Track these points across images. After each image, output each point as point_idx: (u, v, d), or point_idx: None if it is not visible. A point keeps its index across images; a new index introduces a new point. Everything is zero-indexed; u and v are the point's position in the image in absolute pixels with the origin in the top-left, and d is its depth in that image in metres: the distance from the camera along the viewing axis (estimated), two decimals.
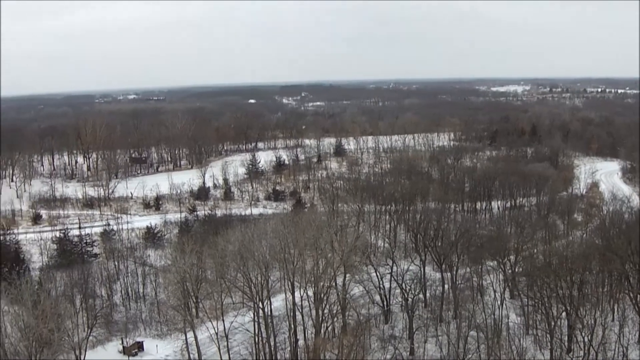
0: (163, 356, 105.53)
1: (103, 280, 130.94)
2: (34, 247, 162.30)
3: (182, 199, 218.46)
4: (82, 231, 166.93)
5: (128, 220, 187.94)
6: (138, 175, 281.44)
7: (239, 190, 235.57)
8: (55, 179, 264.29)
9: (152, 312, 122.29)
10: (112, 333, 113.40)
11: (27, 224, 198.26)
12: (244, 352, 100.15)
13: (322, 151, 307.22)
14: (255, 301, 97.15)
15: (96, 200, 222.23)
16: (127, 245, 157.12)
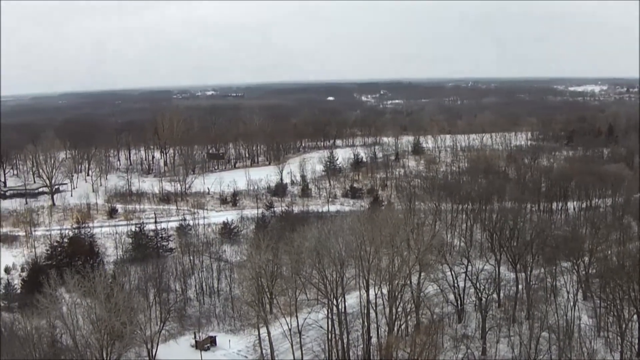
0: (235, 351, 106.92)
1: (178, 275, 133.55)
2: (108, 241, 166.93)
3: (259, 195, 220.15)
4: (158, 226, 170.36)
5: (204, 216, 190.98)
6: (215, 171, 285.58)
7: (316, 187, 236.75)
8: (132, 174, 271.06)
9: (226, 307, 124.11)
10: (185, 327, 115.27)
11: (103, 217, 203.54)
12: (317, 349, 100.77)
13: (400, 149, 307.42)
14: (329, 298, 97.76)
15: (173, 195, 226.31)
16: (203, 240, 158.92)
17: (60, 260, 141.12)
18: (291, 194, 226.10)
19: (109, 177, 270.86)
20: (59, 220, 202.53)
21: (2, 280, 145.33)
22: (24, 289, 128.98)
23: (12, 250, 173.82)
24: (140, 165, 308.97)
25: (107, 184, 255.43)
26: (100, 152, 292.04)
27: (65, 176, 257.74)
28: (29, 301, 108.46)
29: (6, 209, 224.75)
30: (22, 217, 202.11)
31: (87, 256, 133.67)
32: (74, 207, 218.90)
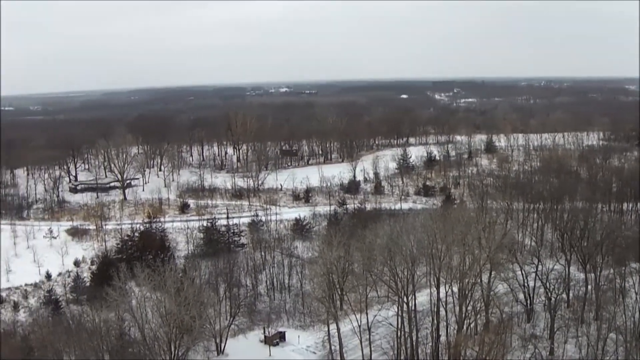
0: (304, 347, 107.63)
1: (249, 270, 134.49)
2: (180, 236, 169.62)
3: (332, 192, 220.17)
4: (230, 221, 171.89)
5: (277, 212, 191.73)
6: (288, 168, 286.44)
7: (389, 184, 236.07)
8: (204, 170, 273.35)
9: (296, 303, 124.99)
10: (254, 322, 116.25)
11: (174, 212, 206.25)
12: (386, 346, 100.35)
13: (473, 148, 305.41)
14: (400, 295, 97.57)
15: (245, 191, 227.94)
16: (275, 236, 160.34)
17: (130, 254, 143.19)
18: (364, 192, 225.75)
19: (181, 172, 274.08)
20: (130, 214, 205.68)
21: (72, 273, 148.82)
22: (93, 282, 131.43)
23: (82, 243, 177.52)
24: (213, 161, 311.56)
25: (179, 179, 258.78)
26: (173, 147, 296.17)
27: (137, 171, 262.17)
28: (97, 294, 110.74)
29: (77, 202, 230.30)
30: (93, 211, 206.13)
31: (157, 250, 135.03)
32: (145, 201, 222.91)
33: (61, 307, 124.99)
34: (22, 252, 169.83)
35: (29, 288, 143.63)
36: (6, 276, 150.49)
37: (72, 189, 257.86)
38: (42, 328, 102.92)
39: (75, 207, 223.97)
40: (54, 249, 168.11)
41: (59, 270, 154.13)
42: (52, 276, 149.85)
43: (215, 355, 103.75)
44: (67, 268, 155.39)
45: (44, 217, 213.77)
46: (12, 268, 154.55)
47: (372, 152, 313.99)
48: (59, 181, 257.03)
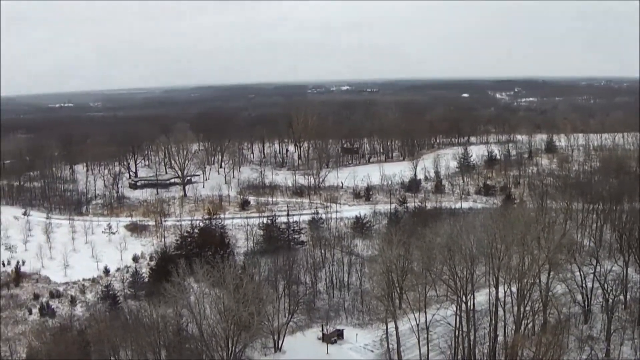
0: (362, 345, 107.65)
1: (308, 268, 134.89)
2: (240, 233, 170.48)
3: (393, 190, 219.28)
4: (290, 218, 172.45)
5: (337, 210, 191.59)
6: (349, 166, 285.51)
7: (449, 183, 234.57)
8: (265, 167, 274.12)
9: (355, 301, 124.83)
10: (313, 320, 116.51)
11: (235, 209, 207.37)
12: (443, 345, 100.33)
13: (533, 147, 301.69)
14: (458, 295, 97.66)
15: (306, 189, 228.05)
16: (335, 234, 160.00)
17: (189, 250, 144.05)
18: (424, 190, 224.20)
19: (242, 169, 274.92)
20: (189, 211, 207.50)
21: (130, 268, 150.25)
22: (152, 278, 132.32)
23: (141, 239, 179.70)
24: (274, 158, 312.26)
25: (240, 176, 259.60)
26: (234, 144, 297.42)
27: (197, 168, 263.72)
28: (156, 290, 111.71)
29: (137, 198, 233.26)
30: (153, 207, 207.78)
31: (217, 247, 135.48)
32: (205, 198, 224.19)
33: (119, 302, 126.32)
34: (80, 248, 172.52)
35: (86, 283, 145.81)
36: (64, 271, 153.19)
37: (132, 185, 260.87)
38: (99, 323, 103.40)
39: (135, 203, 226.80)
40: (112, 245, 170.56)
41: (117, 265, 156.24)
42: (110, 271, 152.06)
43: (273, 353, 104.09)
44: (125, 263, 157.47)
45: (103, 212, 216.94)
46: (70, 263, 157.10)
47: (433, 150, 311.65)
48: (118, 177, 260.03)
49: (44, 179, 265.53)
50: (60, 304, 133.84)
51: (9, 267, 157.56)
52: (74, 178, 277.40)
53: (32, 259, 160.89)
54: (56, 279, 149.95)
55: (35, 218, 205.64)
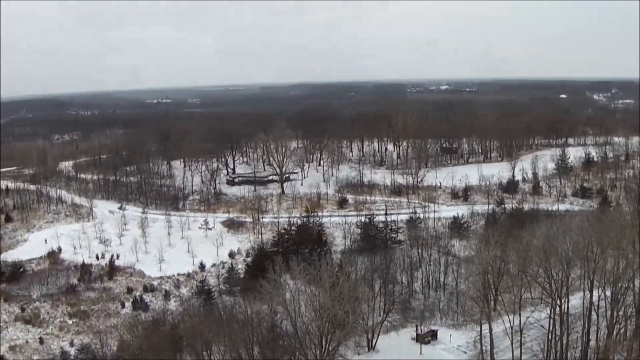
0: (455, 346, 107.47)
1: (405, 267, 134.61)
2: (337, 231, 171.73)
3: (491, 191, 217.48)
4: (388, 218, 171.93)
5: (435, 210, 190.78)
6: (447, 165, 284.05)
7: (546, 185, 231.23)
8: (364, 165, 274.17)
9: (450, 301, 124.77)
10: (407, 320, 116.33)
11: (332, 207, 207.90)
12: (536, 348, 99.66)
13: (630, 150, 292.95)
14: (553, 297, 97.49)
15: (404, 188, 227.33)
16: (432, 233, 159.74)
17: (286, 247, 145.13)
18: (522, 191, 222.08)
19: (340, 167, 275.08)
20: (287, 208, 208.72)
21: (226, 264, 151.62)
22: (247, 274, 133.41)
23: (238, 235, 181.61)
24: (372, 157, 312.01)
25: (338, 175, 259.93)
26: (333, 142, 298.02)
27: (296, 165, 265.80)
28: (251, 286, 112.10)
29: (234, 195, 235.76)
30: (250, 204, 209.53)
31: (314, 244, 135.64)
32: (303, 196, 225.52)
33: (213, 297, 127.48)
34: (176, 243, 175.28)
35: (181, 278, 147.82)
36: (159, 265, 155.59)
37: (230, 181, 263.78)
38: (193, 318, 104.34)
39: (232, 200, 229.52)
40: (208, 240, 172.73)
41: (212, 261, 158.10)
42: (205, 267, 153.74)
43: (366, 352, 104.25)
44: (221, 259, 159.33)
45: (200, 208, 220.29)
46: (166, 258, 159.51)
47: (531, 151, 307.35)
48: (216, 173, 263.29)
49: (141, 174, 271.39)
50: (154, 298, 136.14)
51: (103, 261, 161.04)
52: (171, 173, 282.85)
53: (127, 253, 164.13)
54: (151, 273, 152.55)
55: (131, 212, 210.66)
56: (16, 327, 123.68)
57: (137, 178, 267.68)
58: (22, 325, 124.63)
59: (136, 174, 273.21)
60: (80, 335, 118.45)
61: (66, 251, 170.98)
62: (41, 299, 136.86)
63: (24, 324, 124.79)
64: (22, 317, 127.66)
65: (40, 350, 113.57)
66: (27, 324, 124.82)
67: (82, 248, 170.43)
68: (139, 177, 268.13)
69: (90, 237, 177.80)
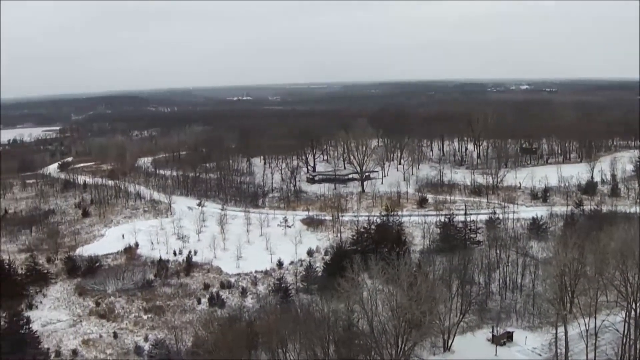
0: (530, 348, 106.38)
1: (482, 268, 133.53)
2: (416, 230, 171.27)
3: (570, 192, 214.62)
4: (468, 217, 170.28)
5: (514, 210, 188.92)
6: (527, 166, 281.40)
7: (625, 187, 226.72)
8: (444, 165, 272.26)
9: (527, 303, 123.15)
10: (483, 321, 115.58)
11: (412, 206, 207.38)
12: (610, 352, 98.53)
13: None
14: (628, 301, 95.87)
15: (484, 188, 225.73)
16: (511, 234, 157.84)
17: (365, 246, 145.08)
18: (600, 193, 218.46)
19: (420, 166, 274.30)
20: (367, 207, 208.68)
21: (304, 262, 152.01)
22: (326, 272, 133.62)
23: (317, 233, 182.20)
24: (453, 156, 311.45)
25: (418, 174, 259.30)
26: (413, 141, 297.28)
27: (376, 164, 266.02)
28: (329, 284, 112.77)
29: (314, 193, 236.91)
30: (330, 202, 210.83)
31: (393, 244, 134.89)
32: (383, 194, 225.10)
33: (290, 295, 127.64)
34: (254, 240, 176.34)
35: (259, 275, 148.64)
36: (236, 262, 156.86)
37: (310, 179, 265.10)
38: (269, 315, 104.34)
39: (312, 198, 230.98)
40: (287, 238, 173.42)
41: (291, 258, 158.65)
42: (283, 264, 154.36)
43: (442, 352, 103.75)
44: (299, 257, 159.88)
45: (279, 206, 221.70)
46: (244, 255, 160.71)
47: (610, 153, 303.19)
48: (296, 171, 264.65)
49: (220, 170, 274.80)
50: (231, 294, 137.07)
51: (180, 257, 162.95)
52: (250, 171, 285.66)
53: (205, 249, 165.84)
54: (228, 269, 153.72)
55: (210, 209, 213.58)
56: (90, 322, 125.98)
57: (216, 175, 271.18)
58: (96, 319, 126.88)
59: (215, 171, 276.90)
60: (154, 330, 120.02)
61: (143, 247, 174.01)
62: (116, 293, 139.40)
63: (98, 319, 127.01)
64: (97, 312, 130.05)
65: (113, 344, 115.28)
66: (101, 318, 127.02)
67: (159, 244, 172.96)
68: (218, 173, 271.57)
69: (168, 233, 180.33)
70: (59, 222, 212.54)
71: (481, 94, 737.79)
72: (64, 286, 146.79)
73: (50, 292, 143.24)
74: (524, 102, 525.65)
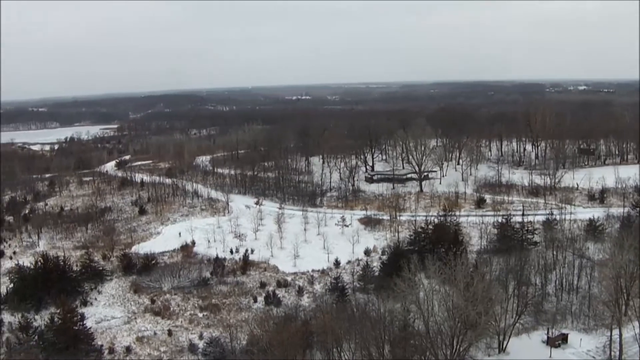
0: (585, 350, 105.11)
1: (539, 269, 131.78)
2: (474, 230, 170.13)
3: (626, 193, 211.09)
4: (525, 218, 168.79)
5: (571, 211, 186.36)
6: (585, 167, 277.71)
7: None
8: (502, 165, 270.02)
9: (583, 305, 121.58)
10: (539, 322, 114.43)
11: (470, 207, 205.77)
12: None
13: None
14: None
15: (541, 189, 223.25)
16: (568, 235, 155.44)
17: (422, 246, 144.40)
18: None
19: (479, 166, 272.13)
20: (425, 206, 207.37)
21: (361, 261, 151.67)
22: (382, 272, 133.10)
23: (375, 233, 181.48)
24: (511, 156, 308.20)
25: (476, 174, 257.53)
26: (472, 141, 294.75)
27: (435, 164, 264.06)
28: (385, 284, 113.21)
29: (372, 192, 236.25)
30: (388, 202, 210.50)
31: (450, 244, 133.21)
32: (441, 194, 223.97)
33: (347, 294, 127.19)
34: (312, 239, 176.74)
35: (315, 274, 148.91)
36: (293, 261, 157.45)
37: (368, 178, 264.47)
38: (325, 314, 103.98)
39: (370, 197, 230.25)
40: (345, 237, 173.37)
41: (348, 258, 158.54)
42: (340, 263, 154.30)
43: (496, 353, 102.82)
44: (356, 256, 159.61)
45: (337, 205, 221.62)
46: (301, 253, 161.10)
47: None
48: (355, 170, 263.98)
49: (279, 169, 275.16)
50: (287, 293, 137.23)
51: (237, 255, 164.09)
52: (309, 170, 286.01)
53: (262, 248, 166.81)
54: (285, 268, 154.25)
55: (267, 208, 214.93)
56: (145, 319, 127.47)
57: (274, 174, 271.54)
58: (151, 316, 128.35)
59: (274, 170, 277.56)
60: (210, 328, 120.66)
61: (200, 245, 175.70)
62: (172, 291, 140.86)
63: (153, 316, 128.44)
64: (152, 309, 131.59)
65: (168, 342, 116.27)
66: (156, 315, 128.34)
67: (216, 242, 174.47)
68: (276, 172, 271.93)
69: (225, 232, 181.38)
70: (116, 219, 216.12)
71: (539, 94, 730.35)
72: (119, 283, 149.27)
73: (105, 289, 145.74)
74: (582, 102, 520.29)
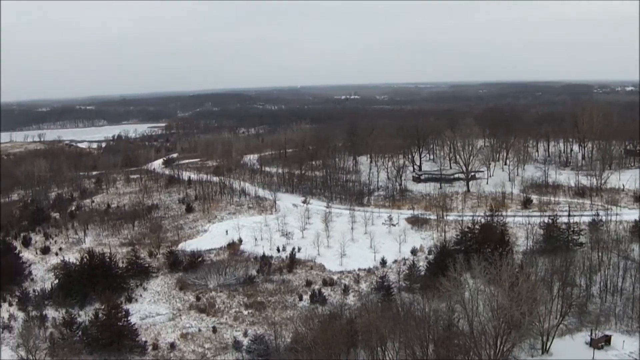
0: (627, 352, 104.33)
1: (584, 270, 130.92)
2: (520, 231, 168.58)
3: None
4: (571, 219, 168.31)
5: (617, 212, 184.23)
6: (631, 168, 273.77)
7: None
8: (549, 165, 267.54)
9: (627, 307, 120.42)
10: (582, 324, 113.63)
11: (516, 207, 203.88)
12: None
13: None
14: None
15: (588, 190, 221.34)
16: (613, 237, 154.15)
17: (469, 246, 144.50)
18: None
19: (526, 167, 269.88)
20: (472, 206, 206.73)
21: (407, 261, 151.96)
22: (428, 271, 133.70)
23: (422, 232, 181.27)
24: (558, 157, 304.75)
25: (523, 174, 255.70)
26: (519, 142, 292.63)
27: (482, 164, 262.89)
28: (431, 283, 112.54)
29: (419, 192, 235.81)
30: (435, 201, 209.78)
31: (496, 244, 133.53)
32: (488, 194, 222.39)
33: (392, 293, 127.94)
34: (359, 238, 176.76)
35: (361, 273, 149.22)
36: (340, 260, 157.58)
37: (416, 178, 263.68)
38: (370, 313, 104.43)
39: (417, 196, 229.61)
40: (391, 236, 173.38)
41: (394, 257, 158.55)
42: (387, 263, 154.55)
43: (540, 354, 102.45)
44: (403, 256, 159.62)
45: (384, 204, 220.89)
46: (347, 252, 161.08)
47: None
48: (402, 170, 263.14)
49: (326, 168, 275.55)
50: (333, 292, 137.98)
51: (284, 253, 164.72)
52: (356, 169, 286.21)
53: (309, 246, 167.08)
54: (331, 267, 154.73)
55: (315, 206, 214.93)
56: (190, 316, 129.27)
57: (322, 172, 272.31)
58: (196, 313, 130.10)
59: (321, 169, 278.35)
60: (254, 325, 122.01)
61: (247, 243, 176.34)
62: (217, 288, 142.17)
63: (198, 313, 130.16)
64: (197, 306, 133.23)
65: (212, 339, 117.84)
66: (201, 312, 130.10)
67: (263, 240, 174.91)
68: (324, 171, 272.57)
69: (272, 230, 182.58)
70: (162, 217, 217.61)
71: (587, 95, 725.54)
72: (165, 280, 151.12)
73: (150, 285, 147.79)
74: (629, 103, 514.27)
